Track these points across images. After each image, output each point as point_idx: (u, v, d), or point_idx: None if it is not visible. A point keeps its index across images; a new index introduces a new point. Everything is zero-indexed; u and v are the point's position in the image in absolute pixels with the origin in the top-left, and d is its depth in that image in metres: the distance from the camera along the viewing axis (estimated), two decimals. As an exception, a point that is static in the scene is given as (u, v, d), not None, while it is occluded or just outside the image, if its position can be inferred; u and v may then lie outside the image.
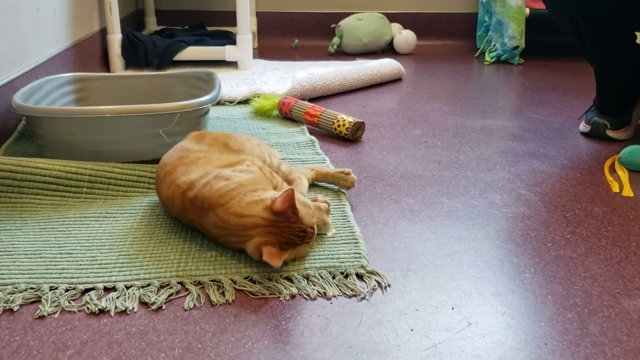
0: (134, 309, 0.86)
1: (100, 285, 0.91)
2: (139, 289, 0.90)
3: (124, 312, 0.86)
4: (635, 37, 1.48)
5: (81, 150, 1.28)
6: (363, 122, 1.59)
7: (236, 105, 1.87)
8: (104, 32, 2.31)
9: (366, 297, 0.90)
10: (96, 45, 2.23)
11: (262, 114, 1.77)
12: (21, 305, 0.87)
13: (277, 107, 1.75)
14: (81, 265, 0.96)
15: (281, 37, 2.97)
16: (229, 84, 2.05)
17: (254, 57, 2.54)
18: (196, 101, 1.32)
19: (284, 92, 1.86)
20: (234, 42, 2.35)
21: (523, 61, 2.58)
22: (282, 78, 2.15)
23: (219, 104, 1.88)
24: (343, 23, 2.74)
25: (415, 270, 0.97)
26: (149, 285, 0.91)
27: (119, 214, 1.13)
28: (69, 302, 0.87)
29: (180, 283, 0.92)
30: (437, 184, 1.31)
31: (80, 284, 0.91)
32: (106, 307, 0.86)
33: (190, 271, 0.95)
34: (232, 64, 2.38)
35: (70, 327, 0.83)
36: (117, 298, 0.88)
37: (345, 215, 1.13)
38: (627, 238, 1.09)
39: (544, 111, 1.87)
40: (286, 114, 1.72)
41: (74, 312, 0.86)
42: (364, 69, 2.12)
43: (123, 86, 1.61)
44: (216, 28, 2.75)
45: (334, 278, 0.94)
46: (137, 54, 2.26)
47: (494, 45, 2.63)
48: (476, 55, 2.74)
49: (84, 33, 2.12)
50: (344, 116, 1.59)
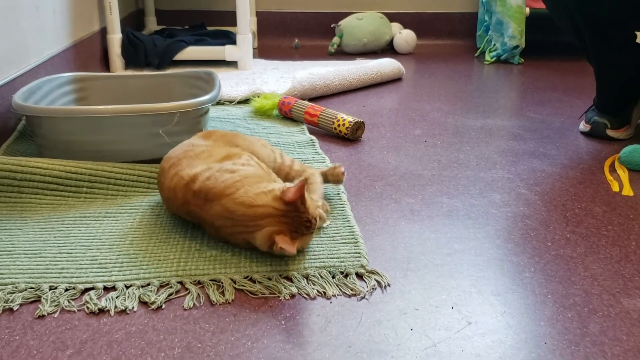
0: (133, 308, 0.86)
1: (100, 285, 0.91)
2: (138, 288, 0.90)
3: (123, 312, 0.86)
4: (635, 37, 1.48)
5: (81, 150, 1.28)
6: (363, 122, 1.59)
7: (236, 105, 1.87)
8: (104, 32, 2.31)
9: (366, 297, 0.90)
10: (96, 45, 2.23)
11: (262, 113, 1.78)
12: (21, 305, 0.87)
13: (277, 107, 1.75)
14: (81, 264, 0.96)
15: (281, 36, 2.97)
16: (229, 83, 2.05)
17: (254, 56, 2.54)
18: (196, 101, 1.32)
19: (284, 92, 1.86)
20: (234, 42, 2.35)
21: (523, 61, 2.58)
22: (282, 78, 2.15)
23: (219, 103, 1.88)
24: (343, 23, 2.74)
25: (415, 270, 0.97)
26: (148, 284, 0.91)
27: (118, 213, 1.13)
28: (69, 302, 0.87)
29: (180, 282, 0.92)
30: (437, 184, 1.31)
31: (80, 283, 0.91)
32: (106, 307, 0.86)
33: (190, 271, 0.95)
34: (232, 64, 2.38)
35: (70, 326, 0.83)
36: (116, 297, 0.88)
37: (345, 215, 1.13)
38: (627, 237, 1.09)
39: (544, 111, 1.87)
40: (286, 114, 1.72)
41: (74, 311, 0.86)
42: (364, 68, 2.12)
43: (123, 86, 1.61)
44: (216, 28, 2.75)
45: (333, 277, 0.94)
46: (137, 53, 2.26)
47: (494, 44, 2.62)
48: (476, 54, 2.74)
49: (84, 33, 2.12)
50: (344, 116, 1.59)
